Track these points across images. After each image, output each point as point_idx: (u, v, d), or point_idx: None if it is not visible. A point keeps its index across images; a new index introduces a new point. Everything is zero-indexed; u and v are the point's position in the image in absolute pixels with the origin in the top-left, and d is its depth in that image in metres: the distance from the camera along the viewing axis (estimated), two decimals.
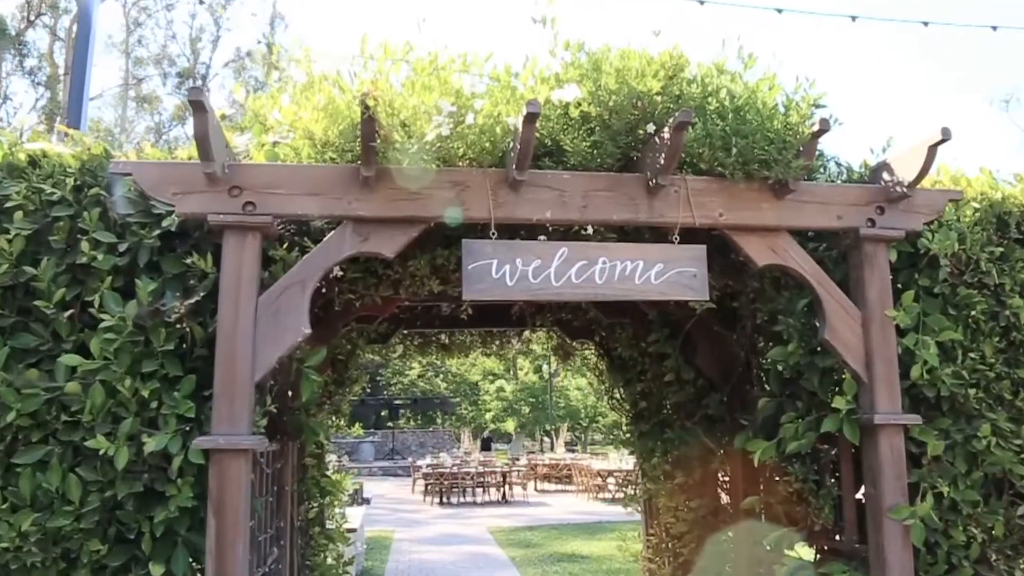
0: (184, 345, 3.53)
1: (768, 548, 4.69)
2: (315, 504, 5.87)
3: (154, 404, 3.41)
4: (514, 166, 3.41)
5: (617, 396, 6.73)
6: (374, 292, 4.27)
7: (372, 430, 42.24)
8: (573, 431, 42.96)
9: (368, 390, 45.67)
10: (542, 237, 3.76)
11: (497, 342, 7.65)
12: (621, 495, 23.24)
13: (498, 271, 3.47)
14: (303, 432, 4.30)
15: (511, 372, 42.99)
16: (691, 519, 5.25)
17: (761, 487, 4.79)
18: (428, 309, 6.53)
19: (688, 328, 4.95)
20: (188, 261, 3.52)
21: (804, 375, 4.05)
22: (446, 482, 23.65)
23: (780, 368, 4.11)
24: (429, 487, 24.00)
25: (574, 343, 7.26)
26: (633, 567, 12.33)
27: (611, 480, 23.69)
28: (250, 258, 3.41)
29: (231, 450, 3.24)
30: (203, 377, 3.42)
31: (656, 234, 3.86)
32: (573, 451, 36.83)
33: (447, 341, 7.59)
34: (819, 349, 4.02)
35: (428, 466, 25.47)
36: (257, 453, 3.60)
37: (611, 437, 45.89)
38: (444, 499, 23.60)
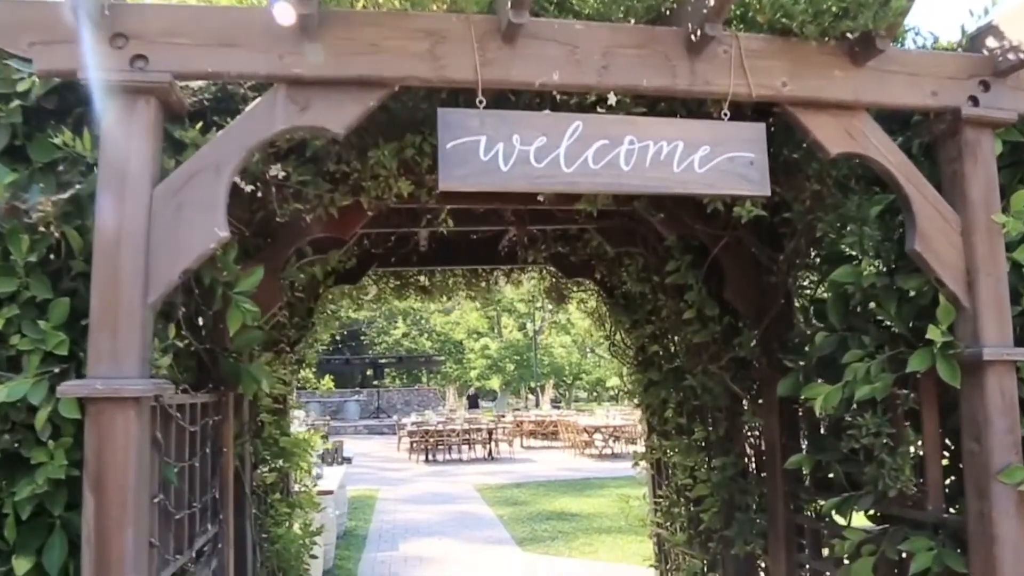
0: (55, 258, 2.52)
1: (815, 517, 3.78)
2: (273, 467, 4.91)
3: (14, 338, 2.41)
4: (509, 4, 2.38)
5: (620, 341, 5.77)
6: (327, 201, 3.27)
7: (357, 389, 41.24)
8: (558, 388, 42.27)
9: (353, 348, 44.79)
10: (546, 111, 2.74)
11: (483, 283, 6.65)
12: (609, 451, 22.57)
13: (488, 151, 2.45)
14: (239, 380, 3.30)
15: (495, 330, 42.15)
16: (714, 481, 4.31)
17: (805, 443, 3.86)
18: (403, 242, 5.51)
19: (715, 253, 3.97)
20: (60, 142, 2.49)
21: (877, 301, 3.10)
22: (432, 440, 22.80)
23: (847, 293, 3.15)
24: (414, 445, 23.14)
25: (570, 282, 6.28)
26: (629, 527, 11.53)
27: (598, 436, 22.95)
28: (141, 132, 2.37)
29: (113, 399, 2.23)
30: (83, 302, 2.41)
31: (697, 109, 2.86)
32: (558, 408, 36.08)
33: (427, 283, 6.58)
34: (897, 267, 3.06)
35: (413, 424, 24.58)
36: (165, 404, 2.61)
37: (595, 394, 45.44)
38: (430, 457, 22.76)
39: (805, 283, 4.09)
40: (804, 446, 3.89)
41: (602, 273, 5.52)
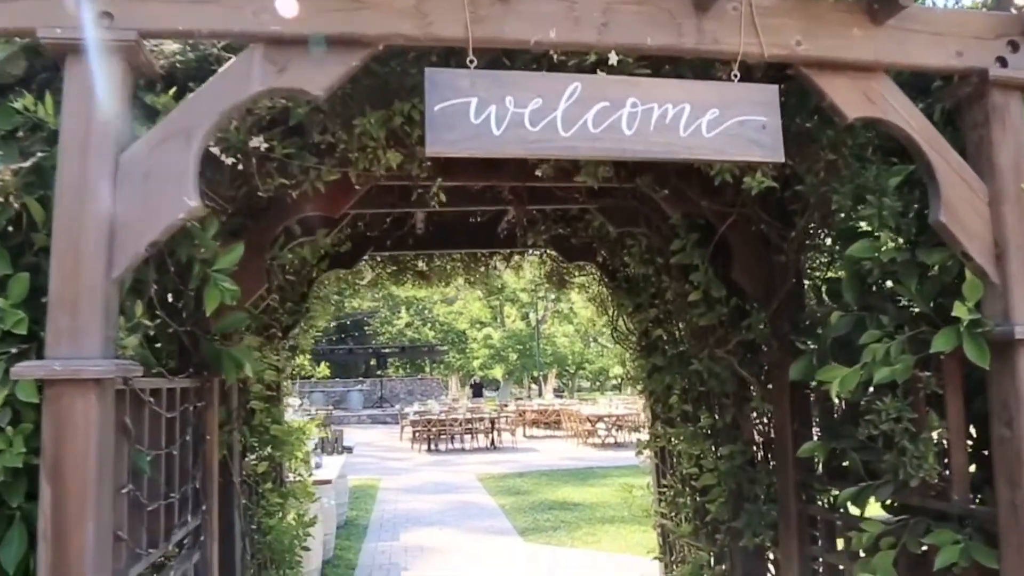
0: (15, 231, 2.33)
1: (829, 507, 3.60)
2: (264, 456, 4.74)
3: None
4: None
5: (622, 327, 5.58)
6: (314, 176, 3.08)
7: (360, 379, 41.11)
8: (561, 378, 42.10)
9: (356, 338, 44.65)
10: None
11: (482, 268, 6.45)
12: (612, 440, 22.41)
13: (479, 114, 2.25)
14: (221, 364, 3.12)
15: (498, 320, 42.00)
16: (722, 470, 4.13)
17: (817, 430, 3.67)
18: (399, 224, 5.33)
19: (722, 231, 3.77)
20: (21, 106, 2.30)
21: (897, 278, 2.90)
22: (434, 429, 22.65)
23: (863, 270, 2.96)
24: (417, 434, 23.00)
25: (571, 267, 6.09)
26: (632, 517, 11.38)
27: (600, 425, 22.78)
28: (106, 95, 2.18)
29: (72, 380, 2.05)
30: (45, 278, 2.21)
31: (704, 72, 2.66)
32: (561, 397, 35.89)
33: (425, 268, 6.39)
34: (918, 241, 2.87)
35: (416, 413, 24.42)
36: (136, 388, 2.43)
37: (598, 384, 45.29)
38: (432, 446, 22.62)
39: (817, 263, 3.89)
40: (816, 433, 3.70)
41: (604, 256, 5.33)
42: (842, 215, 3.17)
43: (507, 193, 4.14)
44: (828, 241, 3.55)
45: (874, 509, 3.20)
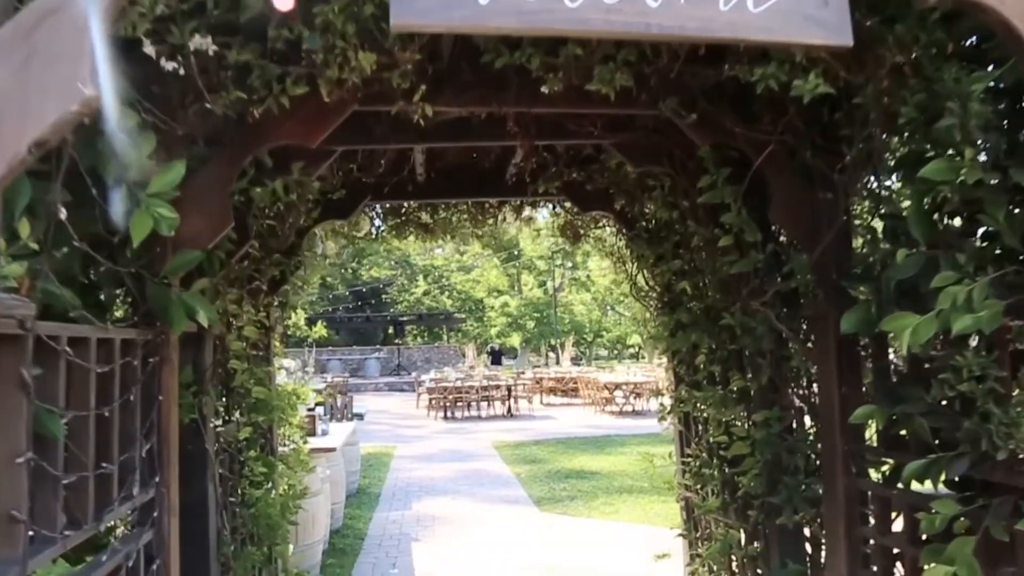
0: None
1: (884, 482, 3.07)
2: (248, 421, 4.28)
3: None
4: None
5: (642, 282, 5.05)
6: (277, 90, 2.57)
7: (378, 347, 40.84)
8: (578, 346, 41.67)
9: (373, 306, 44.39)
10: None
11: (490, 220, 5.92)
12: (630, 408, 21.96)
13: None
14: (168, 311, 2.63)
15: (515, 288, 41.60)
16: (756, 438, 3.61)
17: (866, 392, 3.14)
18: (397, 168, 4.81)
19: (758, 164, 3.22)
20: None
21: (981, 207, 2.35)
22: (450, 397, 22.32)
23: (935, 201, 2.41)
24: (433, 402, 22.69)
25: (587, 218, 5.55)
26: (652, 487, 10.92)
27: (618, 393, 22.34)
28: None
29: None
30: None
31: None
32: (578, 366, 35.45)
33: (428, 220, 5.87)
34: (1007, 165, 2.31)
35: (432, 380, 24.10)
36: (44, 335, 1.95)
37: (615, 352, 44.82)
38: (448, 414, 22.31)
39: (868, 200, 3.33)
40: (867, 398, 3.17)
41: (622, 204, 4.78)
42: (908, 134, 2.61)
43: (512, 125, 3.60)
44: (884, 170, 2.98)
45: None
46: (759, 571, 3.87)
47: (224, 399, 3.94)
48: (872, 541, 3.10)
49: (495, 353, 40.28)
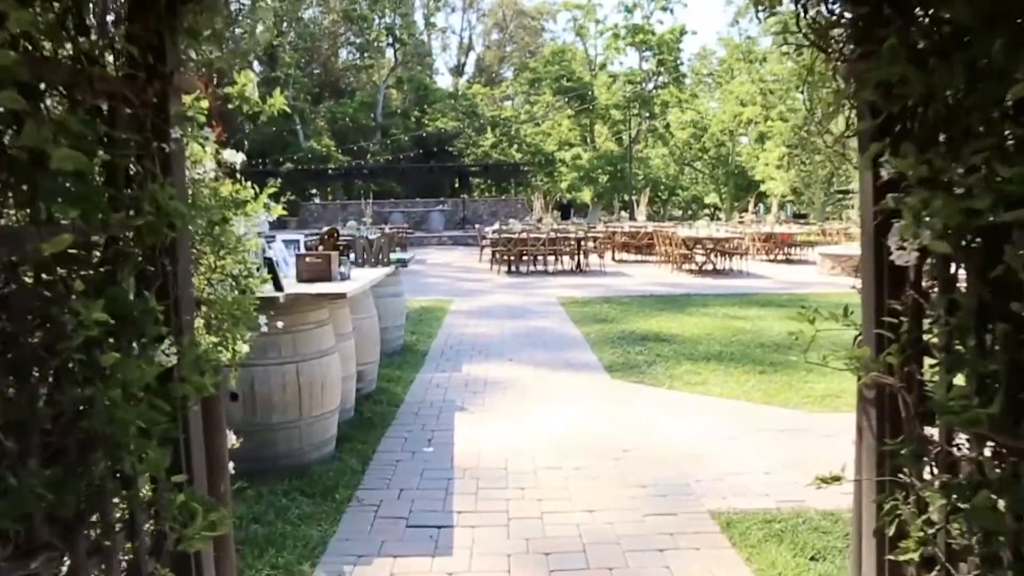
0: None
1: None
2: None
3: None
4: None
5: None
6: None
7: (442, 199, 38.97)
8: (652, 205, 39.07)
9: (438, 157, 42.25)
10: None
11: None
12: (710, 267, 19.76)
13: None
14: None
15: (588, 140, 38.73)
16: None
17: None
18: None
19: None
20: None
21: None
22: (515, 249, 20.47)
23: None
24: (497, 255, 20.91)
25: None
26: (760, 355, 8.90)
27: (698, 250, 20.11)
28: None
29: None
30: None
31: None
32: (654, 222, 33.04)
33: None
34: None
35: (495, 231, 22.22)
36: None
37: (690, 212, 42.01)
38: (512, 268, 20.54)
39: None
40: None
41: None
42: None
43: None
44: None
45: None
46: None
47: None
48: None
49: (564, 208, 37.99)
